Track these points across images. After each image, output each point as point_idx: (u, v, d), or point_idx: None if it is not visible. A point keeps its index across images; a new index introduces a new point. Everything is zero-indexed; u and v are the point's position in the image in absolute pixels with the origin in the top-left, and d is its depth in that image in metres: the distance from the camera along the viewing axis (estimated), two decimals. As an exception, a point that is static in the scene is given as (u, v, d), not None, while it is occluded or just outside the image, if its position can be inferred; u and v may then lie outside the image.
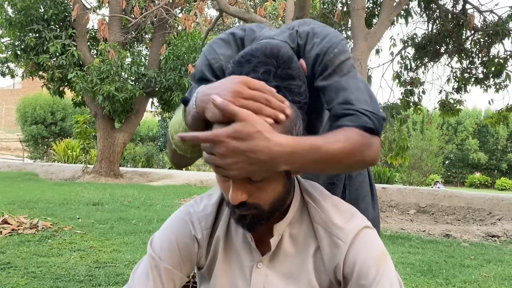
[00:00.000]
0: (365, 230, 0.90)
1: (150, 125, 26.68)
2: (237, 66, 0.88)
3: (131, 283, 0.95)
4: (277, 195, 0.85)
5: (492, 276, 3.40)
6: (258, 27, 1.13)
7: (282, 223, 0.92)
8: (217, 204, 0.99)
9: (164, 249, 0.96)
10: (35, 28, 10.13)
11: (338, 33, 1.07)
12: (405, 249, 4.28)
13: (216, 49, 1.10)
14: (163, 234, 0.99)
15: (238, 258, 0.97)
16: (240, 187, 0.81)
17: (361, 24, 5.88)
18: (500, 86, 7.84)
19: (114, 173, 11.03)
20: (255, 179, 0.81)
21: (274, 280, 0.93)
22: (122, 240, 3.87)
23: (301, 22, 1.10)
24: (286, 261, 0.94)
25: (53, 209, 5.22)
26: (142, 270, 0.96)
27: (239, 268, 0.96)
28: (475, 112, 28.54)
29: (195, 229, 0.97)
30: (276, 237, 0.93)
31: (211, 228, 0.98)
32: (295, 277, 0.93)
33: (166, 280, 0.95)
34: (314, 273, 0.92)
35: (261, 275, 0.94)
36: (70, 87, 10.94)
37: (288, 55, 0.88)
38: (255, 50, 0.88)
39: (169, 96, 10.75)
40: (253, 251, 0.95)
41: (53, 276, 2.75)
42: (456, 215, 7.57)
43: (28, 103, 23.06)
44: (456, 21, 7.78)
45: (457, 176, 28.05)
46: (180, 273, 0.97)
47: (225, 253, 0.97)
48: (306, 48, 1.03)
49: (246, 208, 0.84)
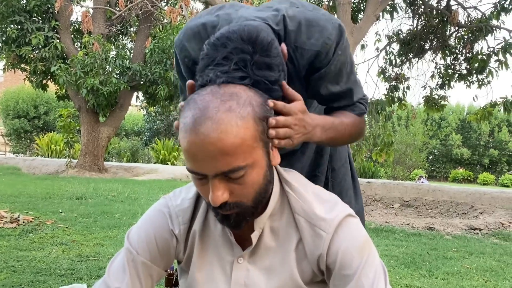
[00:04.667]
0: (348, 219, 0.88)
1: (135, 119, 26.45)
2: (212, 49, 0.84)
3: (107, 277, 0.92)
4: (258, 188, 0.81)
5: (474, 267, 3.45)
6: (233, 7, 1.07)
7: (263, 216, 0.90)
8: (195, 197, 0.95)
9: (141, 242, 0.93)
10: (17, 20, 9.89)
11: (333, 19, 1.03)
12: (389, 242, 4.32)
13: (186, 43, 1.05)
14: (141, 227, 0.96)
15: (217, 253, 0.94)
16: (220, 187, 0.77)
17: (347, 19, 5.89)
18: (483, 82, 7.94)
19: (98, 168, 10.90)
20: (236, 176, 0.76)
21: (255, 275, 0.91)
22: (105, 234, 3.82)
23: (282, 1, 1.04)
24: (267, 255, 0.92)
25: (35, 203, 5.13)
26: (118, 264, 0.93)
27: (219, 263, 0.93)
28: (458, 108, 28.94)
29: (173, 224, 0.94)
30: (257, 232, 0.90)
31: (189, 222, 0.94)
32: (277, 270, 0.91)
33: (143, 275, 0.93)
34: (296, 266, 0.90)
35: (242, 270, 0.92)
36: (53, 80, 10.73)
37: (267, 41, 0.84)
38: (232, 33, 0.83)
39: (154, 89, 10.64)
40: (234, 246, 0.92)
41: (34, 270, 2.70)
42: (439, 209, 7.67)
43: (10, 97, 22.61)
44: (440, 17, 7.85)
45: (440, 171, 28.47)
46: (158, 268, 0.95)
47: (202, 248, 0.94)
48: (299, 37, 0.98)
49: (228, 207, 0.80)
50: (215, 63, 0.81)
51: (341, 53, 1.02)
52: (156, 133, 23.33)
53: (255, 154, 0.78)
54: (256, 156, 0.78)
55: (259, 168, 0.79)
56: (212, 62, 0.82)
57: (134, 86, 10.86)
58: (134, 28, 12.18)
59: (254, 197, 0.82)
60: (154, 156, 19.38)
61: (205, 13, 1.08)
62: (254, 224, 0.89)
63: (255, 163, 0.78)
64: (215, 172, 0.76)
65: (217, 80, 0.79)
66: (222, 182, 0.77)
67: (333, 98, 1.10)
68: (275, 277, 0.91)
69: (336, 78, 1.06)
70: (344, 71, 1.06)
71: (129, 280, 0.91)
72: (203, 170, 0.76)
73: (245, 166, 0.76)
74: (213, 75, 0.80)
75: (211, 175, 0.76)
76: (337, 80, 1.06)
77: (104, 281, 0.92)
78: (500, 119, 27.24)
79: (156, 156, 18.90)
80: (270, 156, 0.83)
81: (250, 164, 0.77)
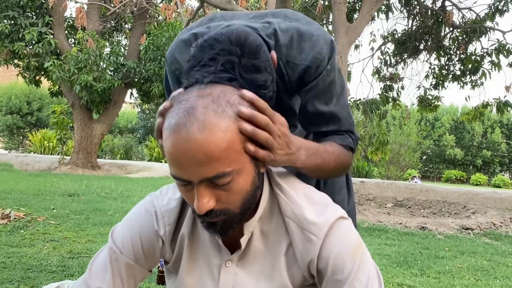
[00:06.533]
0: (339, 221, 0.85)
1: (129, 116, 26.32)
2: (199, 50, 0.81)
3: (88, 277, 0.89)
4: (246, 195, 0.78)
5: (466, 267, 3.47)
6: (224, 19, 1.05)
7: (252, 220, 0.87)
8: (181, 197, 0.91)
9: (126, 242, 0.90)
10: (10, 15, 9.81)
11: (325, 35, 1.02)
12: (381, 241, 4.33)
13: (177, 55, 1.03)
14: (126, 226, 0.92)
15: (205, 257, 0.91)
16: (206, 193, 0.73)
17: (342, 18, 5.89)
18: (476, 83, 7.99)
19: (91, 165, 10.85)
20: (222, 182, 0.73)
21: (243, 279, 0.89)
22: (97, 231, 3.80)
23: (276, 14, 1.03)
24: (256, 259, 0.89)
25: (26, 199, 5.10)
26: (100, 263, 0.90)
27: (207, 267, 0.91)
28: (452, 108, 29.08)
29: (158, 224, 0.90)
30: (246, 236, 0.88)
31: (175, 224, 0.91)
32: (266, 274, 0.89)
33: (126, 275, 0.90)
34: (286, 270, 0.88)
35: (230, 274, 0.89)
36: (47, 76, 10.65)
37: (256, 44, 0.82)
38: (220, 35, 0.81)
39: (148, 87, 10.60)
40: (222, 249, 0.90)
41: (24, 266, 2.67)
42: (432, 209, 7.71)
43: (2, 92, 22.42)
44: (435, 18, 7.89)
45: (434, 171, 28.60)
46: (142, 268, 0.92)
47: (191, 251, 0.92)
48: (290, 51, 0.97)
49: (215, 215, 0.77)
50: (202, 64, 0.79)
51: (330, 69, 1.00)
52: (150, 130, 23.24)
53: (243, 159, 0.74)
54: (243, 161, 0.74)
55: (246, 174, 0.76)
56: (198, 64, 0.79)
57: (128, 83, 10.82)
58: (129, 25, 12.12)
59: (241, 204, 0.78)
60: (147, 154, 19.33)
61: (196, 25, 1.06)
62: (244, 227, 0.87)
63: (242, 168, 0.74)
64: (200, 178, 0.72)
65: (204, 80, 0.76)
66: (207, 189, 0.74)
67: (320, 120, 1.06)
68: (264, 281, 0.89)
69: (324, 95, 1.03)
70: (333, 91, 1.04)
71: (111, 280, 0.88)
72: (187, 176, 0.72)
73: (231, 171, 0.72)
74: (199, 75, 0.77)
75: (196, 181, 0.73)
76: (325, 98, 1.03)
77: (84, 280, 0.89)
78: (493, 120, 27.41)
79: (149, 153, 18.85)
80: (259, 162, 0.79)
81: (237, 169, 0.73)
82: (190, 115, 0.70)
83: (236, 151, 0.72)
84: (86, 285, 0.89)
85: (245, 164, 0.75)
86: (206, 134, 0.69)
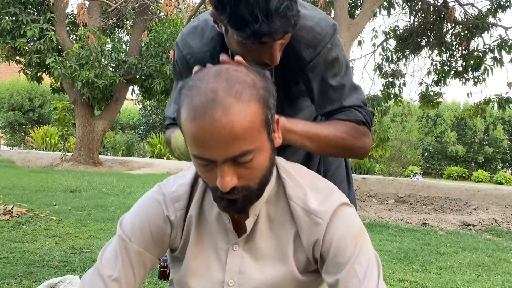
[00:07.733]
0: (343, 207, 0.89)
1: (131, 113, 26.34)
2: None
3: (99, 265, 0.91)
4: (264, 171, 0.82)
5: (467, 263, 3.48)
6: None
7: (258, 203, 0.89)
8: (190, 184, 0.94)
9: (135, 230, 0.91)
10: (12, 11, 9.80)
11: (328, 18, 1.05)
12: (383, 237, 4.34)
13: (190, 41, 1.08)
14: (134, 214, 0.94)
15: (212, 241, 0.93)
16: (229, 172, 0.76)
17: (344, 14, 5.89)
18: (478, 79, 7.96)
19: (93, 161, 10.87)
20: (245, 160, 0.76)
21: (250, 262, 0.91)
22: (99, 226, 3.81)
23: None
24: (263, 242, 0.91)
25: (29, 195, 5.11)
26: (110, 252, 0.92)
27: (214, 251, 0.93)
28: (454, 105, 29.00)
29: (168, 210, 0.93)
30: (252, 218, 0.89)
31: (186, 208, 0.93)
32: (272, 258, 0.90)
33: (136, 263, 0.91)
34: (292, 254, 0.89)
35: (237, 258, 0.91)
36: (48, 73, 10.65)
37: None
38: None
39: (150, 83, 10.59)
40: (229, 233, 0.91)
41: (27, 261, 2.69)
42: (433, 205, 7.70)
43: (4, 89, 22.45)
44: (437, 14, 7.86)
45: (435, 168, 28.56)
46: (152, 255, 0.93)
47: (198, 234, 0.93)
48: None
49: (237, 192, 0.80)
50: None
51: (331, 47, 1.04)
52: (151, 127, 23.27)
53: (262, 137, 0.78)
54: (262, 139, 0.78)
55: (265, 151, 0.80)
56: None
57: (130, 79, 10.81)
58: (130, 21, 12.11)
59: (260, 180, 0.82)
60: (149, 150, 19.35)
61: (206, 13, 1.11)
62: (249, 210, 0.89)
63: (262, 146, 0.78)
64: (225, 157, 0.75)
65: None
66: (230, 167, 0.77)
67: (324, 98, 1.10)
68: (270, 264, 0.90)
69: (328, 71, 1.07)
70: (337, 67, 1.08)
71: (122, 268, 0.89)
72: (212, 156, 0.75)
73: (254, 149, 0.76)
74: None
75: (221, 161, 0.76)
76: (330, 73, 1.07)
77: (96, 268, 0.91)
78: (495, 117, 27.34)
79: (151, 150, 18.87)
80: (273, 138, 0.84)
81: (258, 147, 0.77)
82: (212, 100, 0.73)
83: (256, 130, 0.76)
84: (98, 273, 0.90)
85: (264, 141, 0.79)
86: (231, 117, 0.72)
